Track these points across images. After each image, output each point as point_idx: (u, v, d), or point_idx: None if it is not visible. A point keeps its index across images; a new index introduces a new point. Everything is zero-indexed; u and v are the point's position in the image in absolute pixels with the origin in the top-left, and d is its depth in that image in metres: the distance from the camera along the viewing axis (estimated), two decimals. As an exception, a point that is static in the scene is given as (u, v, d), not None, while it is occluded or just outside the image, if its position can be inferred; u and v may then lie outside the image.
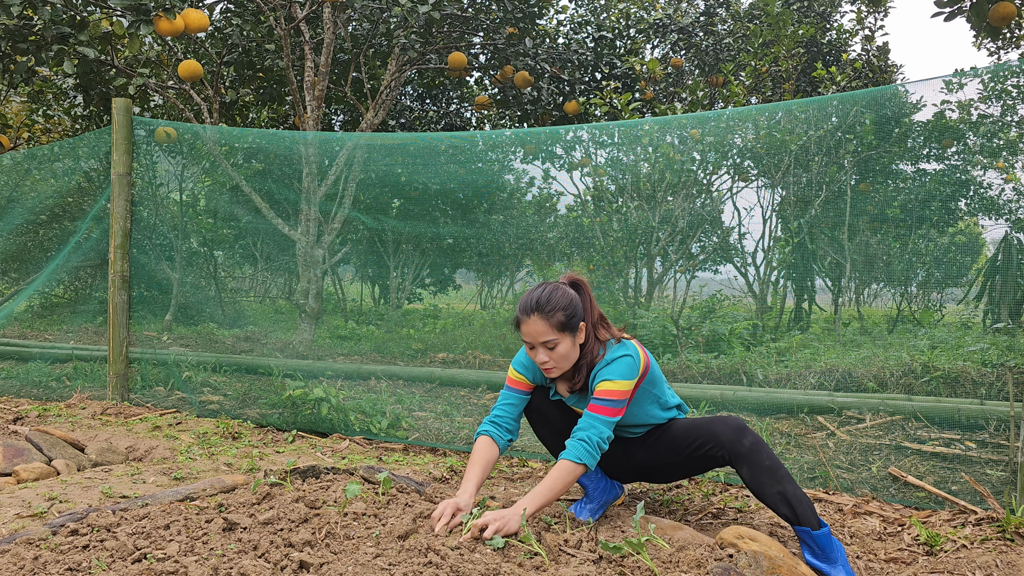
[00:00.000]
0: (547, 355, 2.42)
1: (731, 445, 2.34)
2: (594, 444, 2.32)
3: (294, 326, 6.26)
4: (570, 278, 2.55)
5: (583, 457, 2.30)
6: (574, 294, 2.47)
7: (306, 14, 6.49)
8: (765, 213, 5.42)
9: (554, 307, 2.39)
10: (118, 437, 3.76)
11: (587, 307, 2.49)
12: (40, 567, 1.93)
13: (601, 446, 2.34)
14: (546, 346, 2.41)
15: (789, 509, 2.28)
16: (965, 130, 4.76)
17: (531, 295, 2.44)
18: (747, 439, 2.32)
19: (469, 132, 8.74)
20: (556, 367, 2.44)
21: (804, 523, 2.27)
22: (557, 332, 2.39)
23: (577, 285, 2.53)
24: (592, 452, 2.32)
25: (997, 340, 4.69)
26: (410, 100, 9.94)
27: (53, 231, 6.57)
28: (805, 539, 2.28)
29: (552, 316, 2.39)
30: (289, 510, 2.28)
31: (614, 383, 2.39)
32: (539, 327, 2.39)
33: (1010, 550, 2.46)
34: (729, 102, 7.36)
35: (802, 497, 2.29)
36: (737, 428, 2.35)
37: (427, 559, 1.99)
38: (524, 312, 2.42)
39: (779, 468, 2.31)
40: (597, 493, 2.73)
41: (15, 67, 5.81)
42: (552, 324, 2.39)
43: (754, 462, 2.31)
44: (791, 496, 2.28)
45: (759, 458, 2.30)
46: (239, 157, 6.68)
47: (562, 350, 2.41)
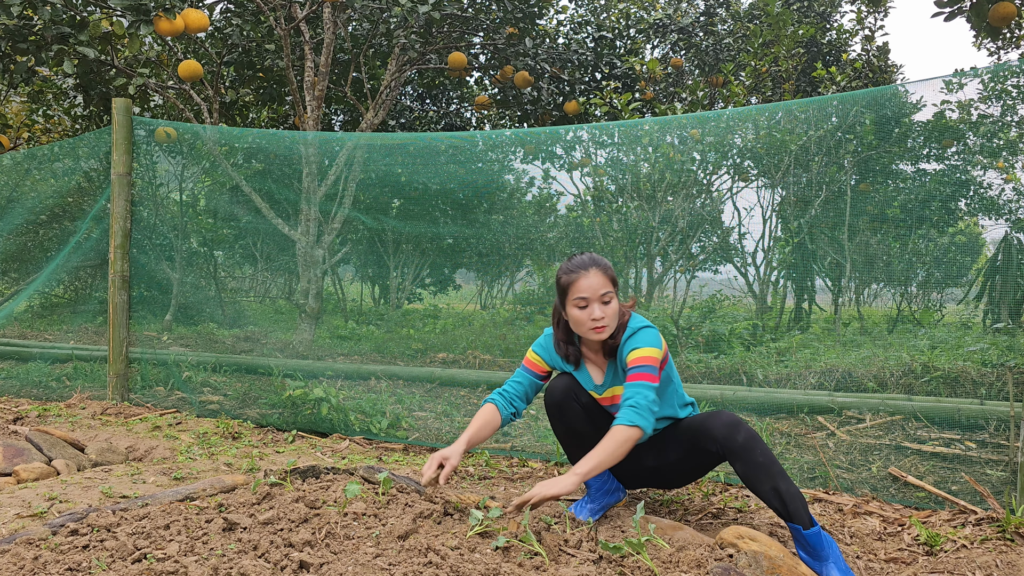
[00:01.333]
0: (602, 310, 2.46)
1: (724, 440, 2.35)
2: (644, 408, 2.33)
3: (294, 326, 6.26)
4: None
5: (635, 420, 2.31)
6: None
7: (306, 14, 6.49)
8: (765, 213, 5.42)
9: (606, 263, 2.52)
10: (118, 437, 3.76)
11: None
12: (40, 567, 1.93)
13: (652, 409, 2.35)
14: (602, 299, 2.46)
15: (781, 505, 2.29)
16: (965, 130, 4.76)
17: (579, 256, 2.53)
18: (740, 434, 2.33)
19: (469, 132, 8.74)
20: (608, 324, 2.48)
21: (795, 520, 2.27)
22: (612, 286, 2.49)
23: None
24: (644, 415, 2.32)
25: (997, 340, 4.69)
26: (410, 100, 9.94)
27: (53, 231, 6.57)
28: (796, 536, 2.30)
29: (607, 270, 2.49)
30: (289, 510, 2.28)
31: (646, 350, 2.44)
32: (599, 279, 2.46)
33: (1010, 550, 2.46)
34: (729, 102, 7.36)
35: (795, 494, 2.29)
36: (730, 424, 2.36)
37: (427, 559, 1.99)
38: (582, 267, 2.48)
39: (773, 464, 2.31)
40: (600, 494, 2.73)
41: (15, 67, 5.81)
42: (608, 277, 2.48)
43: (748, 458, 2.31)
44: (784, 492, 2.28)
45: (753, 454, 2.31)
46: (239, 157, 6.68)
47: (615, 305, 2.48)
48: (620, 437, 2.30)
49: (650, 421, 2.34)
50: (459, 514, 2.43)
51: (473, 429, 2.59)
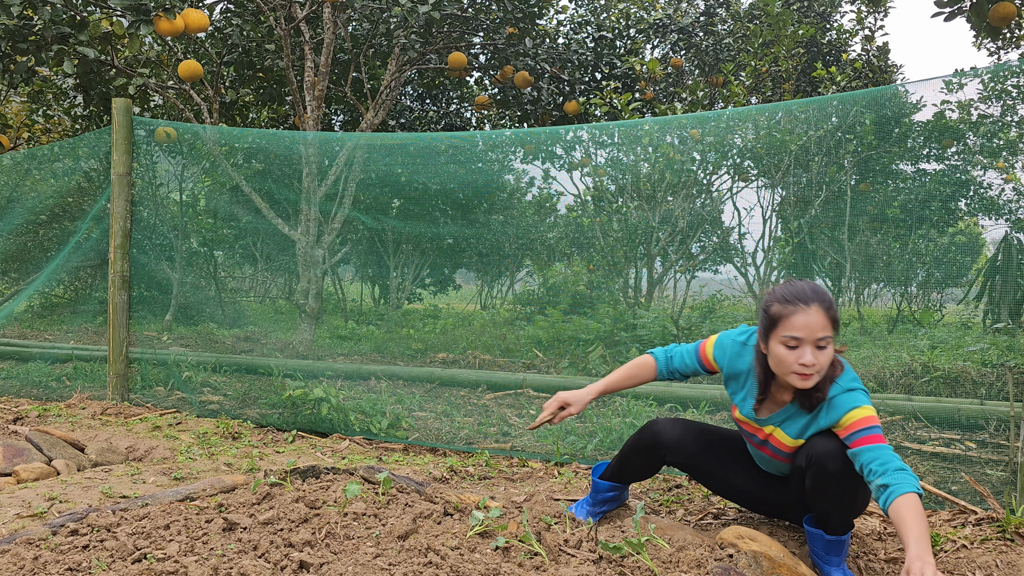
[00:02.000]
0: (815, 356, 2.07)
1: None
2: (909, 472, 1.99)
3: (294, 326, 6.26)
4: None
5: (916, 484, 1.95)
6: None
7: (306, 14, 6.49)
8: (765, 213, 5.42)
9: (830, 299, 2.09)
10: (118, 437, 3.76)
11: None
12: (40, 567, 1.93)
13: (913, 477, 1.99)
14: (818, 343, 2.07)
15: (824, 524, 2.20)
16: (965, 130, 4.76)
17: (799, 284, 2.12)
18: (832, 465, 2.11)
19: (469, 132, 8.74)
20: (817, 374, 2.09)
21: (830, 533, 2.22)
22: (832, 328, 2.09)
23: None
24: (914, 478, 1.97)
25: (997, 340, 4.70)
26: (410, 100, 9.95)
27: (53, 231, 6.57)
28: (816, 538, 2.26)
29: (830, 309, 2.08)
30: (289, 510, 2.28)
31: (866, 408, 2.09)
32: (820, 320, 2.06)
33: (1010, 550, 2.46)
34: (729, 102, 7.36)
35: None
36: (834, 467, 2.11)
37: (427, 559, 1.99)
38: (802, 300, 2.07)
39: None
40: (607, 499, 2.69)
41: (15, 67, 5.81)
42: (830, 318, 2.08)
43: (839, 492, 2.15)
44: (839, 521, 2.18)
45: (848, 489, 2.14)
46: (239, 157, 6.69)
47: (830, 353, 2.09)
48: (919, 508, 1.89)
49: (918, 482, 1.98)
50: (459, 514, 2.43)
51: (618, 375, 2.42)
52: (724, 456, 2.49)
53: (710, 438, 2.49)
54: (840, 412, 2.11)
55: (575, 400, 2.40)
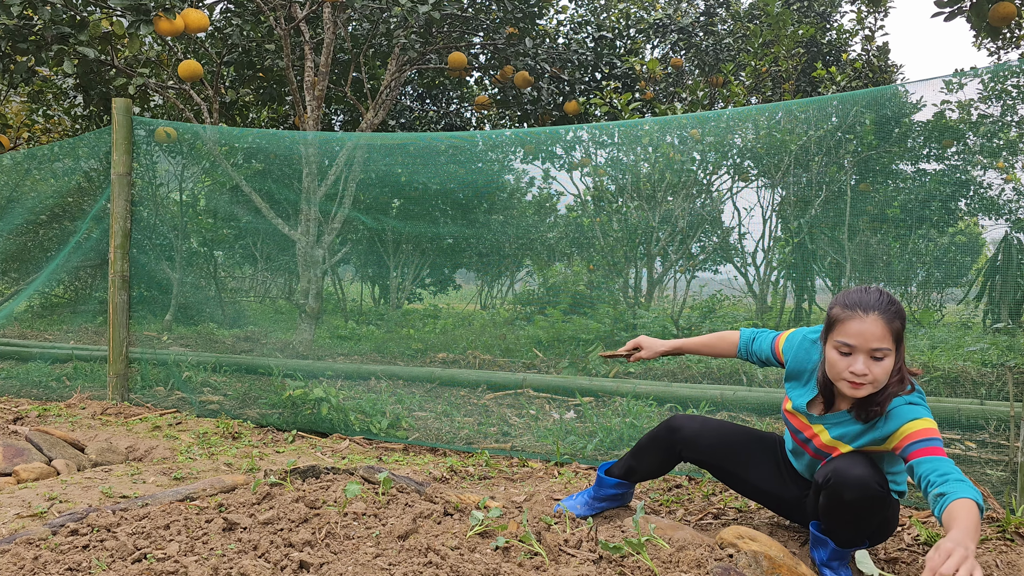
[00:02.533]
0: (868, 367, 1.99)
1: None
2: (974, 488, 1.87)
3: (294, 326, 6.26)
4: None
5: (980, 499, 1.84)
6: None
7: (306, 14, 6.49)
8: (765, 213, 5.42)
9: (897, 311, 2.00)
10: (118, 437, 3.76)
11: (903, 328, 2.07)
12: (40, 567, 1.93)
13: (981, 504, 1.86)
14: (873, 355, 1.99)
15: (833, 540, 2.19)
16: (965, 130, 4.76)
17: (865, 291, 2.03)
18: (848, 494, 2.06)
19: (469, 132, 8.75)
20: (871, 385, 2.01)
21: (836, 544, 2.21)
22: (892, 342, 1.99)
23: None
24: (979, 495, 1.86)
25: (997, 340, 4.70)
26: (410, 100, 9.95)
27: (53, 231, 6.57)
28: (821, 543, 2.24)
29: (893, 321, 1.99)
30: (289, 510, 2.28)
31: (927, 421, 2.00)
32: (878, 329, 1.97)
33: (1010, 550, 2.46)
34: (729, 102, 7.36)
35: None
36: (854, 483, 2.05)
37: (427, 559, 1.99)
38: (862, 308, 1.99)
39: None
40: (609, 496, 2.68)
41: (15, 67, 5.81)
42: (891, 330, 1.98)
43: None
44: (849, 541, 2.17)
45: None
46: (239, 157, 6.69)
47: (887, 365, 2.00)
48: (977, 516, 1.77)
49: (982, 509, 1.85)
50: (459, 514, 2.43)
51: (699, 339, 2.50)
52: (744, 453, 2.45)
53: (730, 435, 2.47)
54: (898, 423, 2.02)
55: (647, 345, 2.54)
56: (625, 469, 2.62)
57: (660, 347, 2.57)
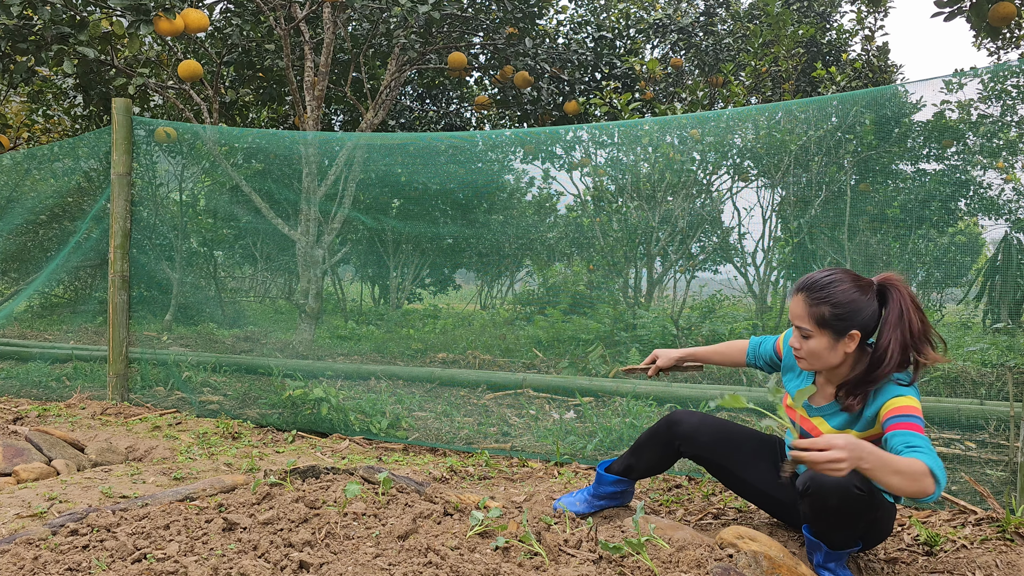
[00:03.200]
0: (799, 342, 2.19)
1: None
2: (942, 467, 1.88)
3: (294, 326, 6.26)
4: (884, 279, 2.17)
5: (939, 474, 1.85)
6: (868, 298, 2.12)
7: (306, 14, 6.49)
8: (765, 213, 5.42)
9: (823, 297, 2.12)
10: (118, 437, 3.76)
11: (890, 320, 2.10)
12: (40, 567, 1.93)
13: (942, 478, 1.88)
14: (800, 332, 2.18)
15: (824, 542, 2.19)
16: (965, 130, 4.76)
17: (815, 273, 2.19)
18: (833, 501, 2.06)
19: (469, 132, 8.75)
20: (805, 360, 2.20)
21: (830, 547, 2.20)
22: (813, 325, 2.13)
23: (885, 291, 2.15)
24: (942, 472, 1.87)
25: (997, 340, 4.70)
26: (410, 100, 9.95)
27: (53, 231, 6.57)
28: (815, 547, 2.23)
29: (816, 305, 2.12)
30: (289, 510, 2.28)
31: (910, 399, 2.05)
32: (798, 308, 2.16)
33: (1010, 550, 2.46)
34: (729, 102, 7.36)
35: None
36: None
37: (427, 559, 1.99)
38: (797, 287, 2.20)
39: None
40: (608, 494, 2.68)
41: (15, 67, 5.81)
42: (812, 315, 2.13)
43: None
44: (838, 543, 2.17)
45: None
46: (239, 157, 6.69)
47: (813, 346, 2.15)
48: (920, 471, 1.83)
49: (943, 483, 1.87)
50: (459, 514, 2.43)
51: (711, 348, 2.60)
52: (743, 452, 2.45)
53: (729, 432, 2.47)
54: (883, 399, 2.09)
55: (663, 354, 2.66)
56: (624, 466, 2.62)
57: (675, 354, 2.65)
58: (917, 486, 1.83)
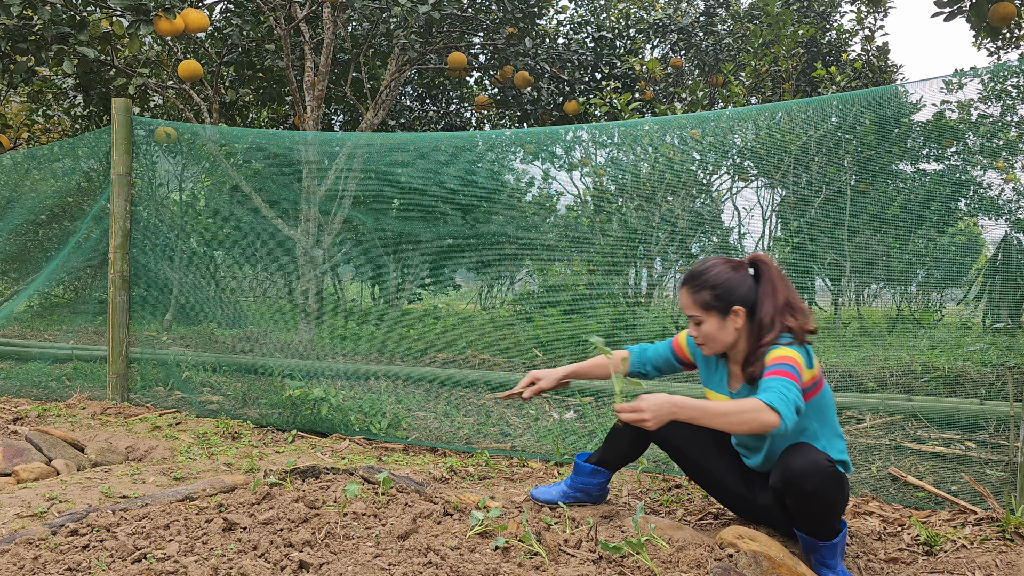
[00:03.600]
0: (695, 330, 2.33)
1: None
2: (791, 400, 2.01)
3: (294, 326, 6.26)
4: (754, 257, 2.36)
5: (779, 404, 1.99)
6: (742, 275, 2.30)
7: (306, 14, 6.49)
8: (765, 213, 5.42)
9: (703, 283, 2.28)
10: (118, 437, 3.76)
11: (765, 291, 2.27)
12: (40, 567, 1.93)
13: (798, 404, 2.02)
14: (693, 320, 2.32)
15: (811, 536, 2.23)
16: (965, 130, 4.76)
17: (694, 265, 2.34)
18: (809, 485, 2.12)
19: (469, 132, 8.75)
20: (704, 344, 2.34)
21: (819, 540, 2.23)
22: (700, 310, 2.29)
23: (757, 266, 2.34)
24: (789, 406, 1.99)
25: (997, 340, 4.69)
26: (410, 100, 9.95)
27: (53, 231, 6.58)
28: (810, 544, 2.25)
29: (698, 292, 2.29)
30: (289, 510, 2.28)
31: (786, 350, 2.16)
32: (685, 299, 2.33)
33: (1010, 550, 2.46)
34: (729, 102, 7.36)
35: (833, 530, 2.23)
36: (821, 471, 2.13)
37: (427, 559, 1.99)
38: (680, 283, 2.36)
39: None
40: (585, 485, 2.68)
41: (15, 67, 5.81)
42: (697, 301, 2.29)
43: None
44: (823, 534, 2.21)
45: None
46: (239, 157, 6.69)
47: (707, 329, 2.30)
48: (750, 406, 1.99)
49: (791, 413, 2.00)
50: (459, 514, 2.43)
51: (588, 364, 2.58)
52: (711, 443, 2.50)
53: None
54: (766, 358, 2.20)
55: (544, 375, 2.59)
56: (600, 456, 2.65)
57: (558, 373, 2.61)
58: (754, 421, 1.97)
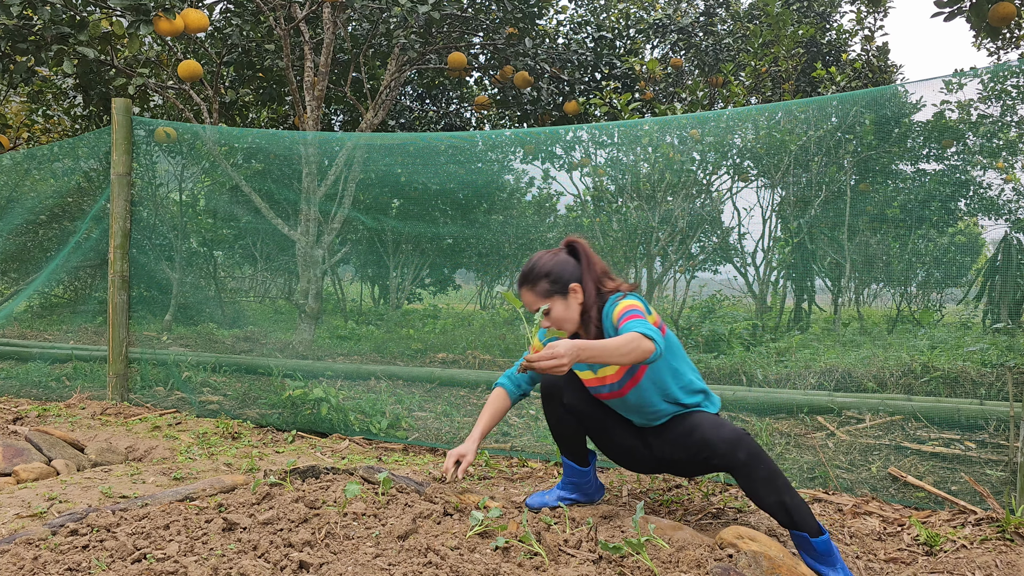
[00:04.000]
0: (547, 320, 2.52)
1: (726, 457, 2.29)
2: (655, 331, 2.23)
3: (294, 326, 6.26)
4: (567, 240, 2.62)
5: (647, 331, 2.21)
6: (564, 258, 2.55)
7: (306, 14, 6.49)
8: (765, 213, 5.42)
9: (537, 276, 2.52)
10: (118, 437, 3.76)
11: (585, 266, 2.55)
12: (40, 567, 1.93)
13: (657, 338, 2.22)
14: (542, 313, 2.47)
15: (787, 517, 2.26)
16: (965, 130, 4.76)
17: (522, 269, 2.57)
18: (742, 452, 2.26)
19: (469, 132, 8.75)
20: (559, 327, 2.52)
21: (802, 529, 2.24)
22: (545, 299, 2.50)
23: (572, 247, 2.60)
24: (654, 332, 2.22)
25: (997, 340, 4.69)
26: (410, 100, 9.95)
27: (53, 231, 6.57)
28: (802, 543, 2.27)
29: (536, 285, 2.51)
30: (289, 510, 2.28)
31: (626, 302, 2.40)
32: (528, 298, 2.53)
33: (1010, 550, 2.46)
34: (729, 102, 7.36)
35: (801, 505, 2.26)
36: (732, 440, 2.28)
37: (427, 559, 1.99)
38: (517, 286, 2.58)
39: (777, 478, 2.26)
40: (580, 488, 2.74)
41: (15, 67, 5.81)
42: (538, 293, 2.51)
43: (750, 475, 2.26)
44: (789, 505, 2.24)
45: (755, 471, 2.26)
46: (239, 157, 6.69)
47: (556, 314, 2.50)
48: (631, 338, 2.18)
49: (661, 340, 2.23)
50: (459, 514, 2.43)
51: (486, 420, 2.71)
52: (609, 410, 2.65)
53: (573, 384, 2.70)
54: (608, 315, 2.44)
55: (467, 451, 2.69)
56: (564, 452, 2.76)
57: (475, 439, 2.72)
58: (638, 349, 2.17)
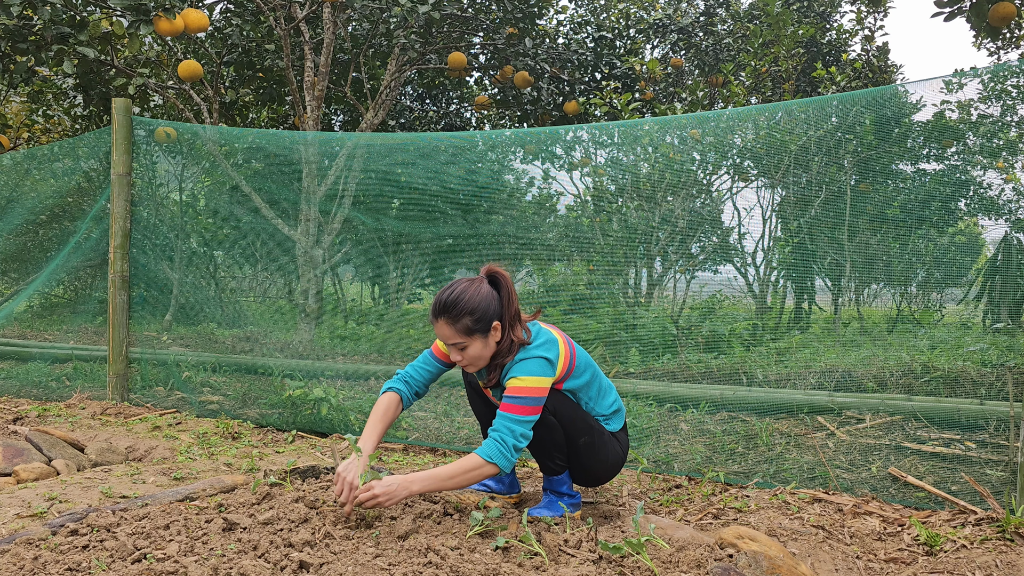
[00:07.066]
0: (459, 355, 2.40)
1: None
2: (509, 446, 2.29)
3: (294, 326, 6.26)
4: (489, 270, 2.45)
5: (495, 457, 2.27)
6: (488, 292, 2.38)
7: (306, 14, 6.49)
8: (765, 213, 5.42)
9: (460, 311, 2.33)
10: (118, 437, 3.76)
11: (505, 303, 2.40)
12: (40, 567, 1.93)
13: (517, 447, 2.30)
14: (456, 347, 2.38)
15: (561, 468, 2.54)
16: (965, 130, 4.76)
17: (442, 295, 2.36)
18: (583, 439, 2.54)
19: (469, 132, 8.75)
20: (470, 365, 2.43)
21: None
22: (464, 336, 2.35)
23: (495, 279, 2.43)
24: (506, 454, 2.28)
25: (997, 340, 4.69)
26: (410, 100, 9.95)
27: (53, 231, 6.57)
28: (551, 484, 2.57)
29: (458, 321, 2.33)
30: (289, 510, 2.28)
31: (523, 379, 2.33)
32: (446, 331, 2.36)
33: (1010, 550, 2.46)
34: (729, 102, 7.36)
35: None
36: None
37: (427, 559, 1.99)
38: (433, 314, 2.37)
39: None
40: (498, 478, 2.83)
41: (15, 67, 5.81)
42: (458, 329, 2.34)
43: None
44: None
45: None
46: (239, 157, 6.68)
47: (472, 352, 2.38)
48: (471, 465, 2.25)
49: (511, 461, 2.28)
50: (459, 514, 2.43)
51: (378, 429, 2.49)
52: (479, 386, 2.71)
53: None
54: (505, 380, 2.39)
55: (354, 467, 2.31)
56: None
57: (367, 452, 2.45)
58: (478, 478, 2.26)
